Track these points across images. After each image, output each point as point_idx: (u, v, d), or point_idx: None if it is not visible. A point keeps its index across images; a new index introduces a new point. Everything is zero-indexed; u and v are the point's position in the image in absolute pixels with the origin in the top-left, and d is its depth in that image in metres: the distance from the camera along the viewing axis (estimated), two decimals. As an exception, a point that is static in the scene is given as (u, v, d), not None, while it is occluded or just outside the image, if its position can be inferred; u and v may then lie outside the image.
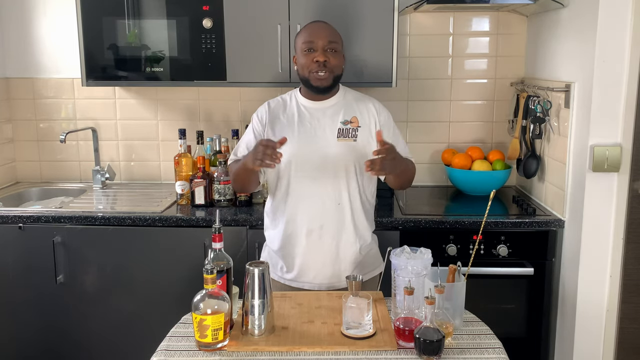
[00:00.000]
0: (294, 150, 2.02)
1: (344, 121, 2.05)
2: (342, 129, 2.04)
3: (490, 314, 1.94)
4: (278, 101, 2.15)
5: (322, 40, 2.01)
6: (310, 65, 2.01)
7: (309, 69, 2.01)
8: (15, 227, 2.58)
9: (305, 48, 2.02)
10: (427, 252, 1.79)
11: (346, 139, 2.04)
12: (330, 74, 2.01)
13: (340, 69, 2.06)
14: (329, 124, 2.05)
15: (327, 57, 2.00)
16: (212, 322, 1.53)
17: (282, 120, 2.08)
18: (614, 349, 2.37)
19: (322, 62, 1.99)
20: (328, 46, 2.01)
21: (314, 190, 2.03)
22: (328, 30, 2.05)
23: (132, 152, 3.18)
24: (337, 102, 2.09)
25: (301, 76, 2.06)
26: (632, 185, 2.26)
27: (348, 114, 2.07)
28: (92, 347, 2.67)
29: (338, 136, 2.03)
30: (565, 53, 2.49)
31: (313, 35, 2.02)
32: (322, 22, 2.10)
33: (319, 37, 2.01)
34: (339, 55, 2.05)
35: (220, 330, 1.54)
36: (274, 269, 2.14)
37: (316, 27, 2.06)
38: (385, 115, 2.13)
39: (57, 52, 3.09)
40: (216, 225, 1.66)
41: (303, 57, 2.03)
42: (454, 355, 1.55)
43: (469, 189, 2.92)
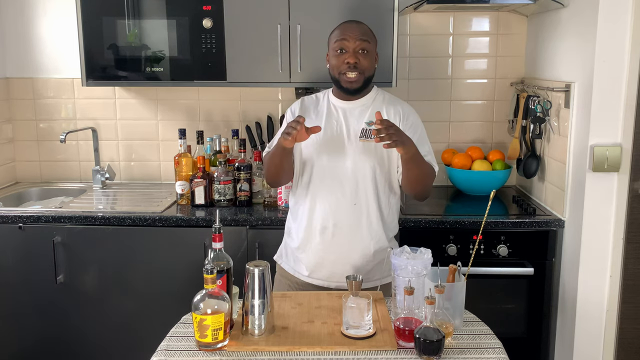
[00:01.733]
0: (318, 145, 2.04)
1: (369, 122, 2.03)
2: (365, 129, 2.04)
3: (490, 314, 1.94)
4: (312, 98, 2.17)
5: (354, 40, 1.98)
6: (341, 66, 1.99)
7: (339, 70, 2.00)
8: (15, 227, 2.58)
9: (337, 48, 2.00)
10: (427, 252, 1.79)
11: (368, 139, 2.03)
12: (360, 76, 2.00)
13: (371, 70, 2.04)
14: (355, 123, 2.05)
15: (358, 58, 1.98)
16: (212, 322, 1.53)
17: (312, 116, 2.09)
18: (614, 349, 2.37)
19: (353, 63, 1.98)
20: (360, 46, 1.99)
21: (333, 187, 2.03)
22: (360, 30, 2.02)
23: (132, 152, 3.18)
24: (366, 103, 2.08)
25: (332, 76, 2.05)
26: (632, 185, 2.26)
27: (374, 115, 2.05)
28: (92, 347, 2.67)
29: (360, 136, 2.03)
30: (565, 53, 2.49)
31: (345, 36, 2.00)
32: (356, 21, 2.07)
33: (351, 38, 1.99)
34: (371, 55, 2.03)
35: (220, 330, 1.54)
36: (290, 263, 2.15)
37: (349, 27, 2.03)
38: (413, 118, 2.11)
39: (57, 52, 3.09)
40: (216, 225, 1.66)
41: (334, 58, 2.02)
42: (454, 355, 1.55)
43: (469, 189, 2.92)
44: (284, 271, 2.17)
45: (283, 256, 2.20)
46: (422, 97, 3.07)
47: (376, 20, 2.61)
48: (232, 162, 2.75)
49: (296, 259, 2.12)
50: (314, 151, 2.04)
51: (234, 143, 2.85)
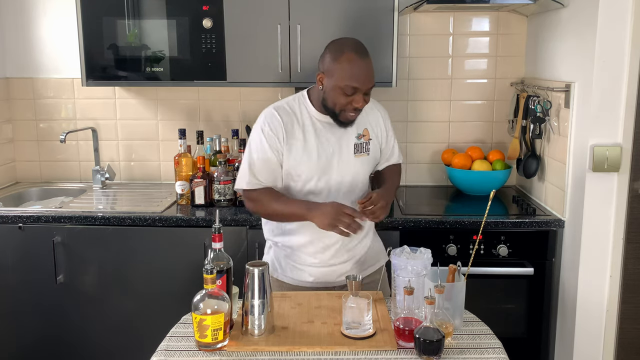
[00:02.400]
0: (314, 169, 1.97)
1: (358, 135, 2.03)
2: (357, 144, 2.02)
3: (490, 314, 1.94)
4: (287, 112, 1.98)
5: (366, 85, 1.89)
6: (347, 106, 1.91)
7: (343, 108, 1.92)
8: (15, 227, 2.58)
9: (347, 90, 1.88)
10: (427, 252, 1.79)
11: (362, 154, 2.03)
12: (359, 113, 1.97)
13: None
14: (346, 139, 2.01)
15: (365, 101, 1.92)
16: (212, 322, 1.53)
17: (298, 136, 1.96)
18: (614, 349, 2.37)
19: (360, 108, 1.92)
20: (366, 92, 1.92)
21: None
22: (371, 71, 1.91)
23: (132, 152, 3.18)
24: None
25: (329, 106, 1.93)
26: (632, 185, 2.26)
27: (360, 126, 2.04)
28: (92, 347, 2.67)
29: (355, 152, 2.02)
30: (565, 53, 2.49)
31: (360, 81, 1.87)
32: (365, 55, 1.90)
33: (364, 84, 1.88)
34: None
35: (220, 330, 1.54)
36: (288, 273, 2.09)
37: (362, 68, 1.88)
38: (388, 122, 2.14)
39: (57, 52, 3.09)
40: (216, 225, 1.66)
41: (341, 96, 1.89)
42: (454, 355, 1.55)
43: (469, 189, 2.92)
44: (283, 283, 2.10)
45: (278, 269, 2.11)
46: (422, 97, 3.07)
47: (376, 20, 2.61)
48: (232, 162, 2.75)
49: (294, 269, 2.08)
50: (309, 172, 1.97)
51: (234, 143, 2.84)
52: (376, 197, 1.91)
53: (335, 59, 1.89)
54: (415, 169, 3.14)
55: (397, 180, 2.20)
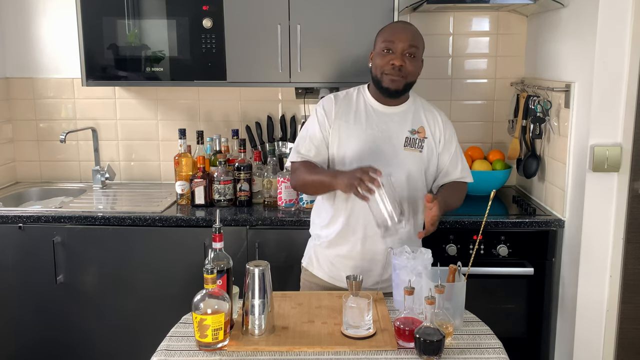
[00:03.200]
0: (361, 153, 1.97)
1: (412, 130, 2.01)
2: (409, 138, 2.00)
3: (490, 314, 1.94)
4: (345, 96, 2.06)
5: (403, 43, 1.91)
6: (385, 67, 1.93)
7: (383, 70, 1.94)
8: (15, 227, 2.58)
9: (384, 47, 1.93)
10: (427, 252, 1.79)
11: (413, 149, 2.00)
12: (403, 80, 1.94)
13: (415, 75, 1.98)
14: (397, 131, 2.00)
15: (405, 61, 1.92)
16: (212, 322, 1.53)
17: (350, 119, 2.00)
18: (614, 349, 2.37)
19: (398, 66, 1.92)
20: (408, 50, 1.92)
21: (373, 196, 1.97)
22: (411, 33, 1.95)
23: (132, 152, 3.18)
24: (406, 109, 2.04)
25: (373, 75, 1.99)
26: (632, 185, 2.26)
27: (416, 123, 2.02)
28: (92, 347, 2.67)
29: (405, 145, 1.99)
30: (565, 53, 2.49)
31: (394, 36, 1.93)
32: (407, 23, 2.01)
33: (400, 40, 1.91)
34: (417, 61, 1.97)
35: (220, 330, 1.54)
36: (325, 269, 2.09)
37: (399, 28, 1.96)
38: (450, 130, 2.08)
39: (57, 52, 3.09)
40: (216, 225, 1.66)
41: (380, 57, 1.95)
42: (454, 355, 1.55)
43: (469, 189, 2.90)
44: (317, 278, 2.10)
45: (314, 262, 2.12)
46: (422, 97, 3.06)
47: (376, 20, 2.61)
48: (232, 162, 2.75)
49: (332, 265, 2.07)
50: (355, 158, 1.97)
51: (234, 143, 2.85)
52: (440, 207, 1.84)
53: (379, 32, 2.01)
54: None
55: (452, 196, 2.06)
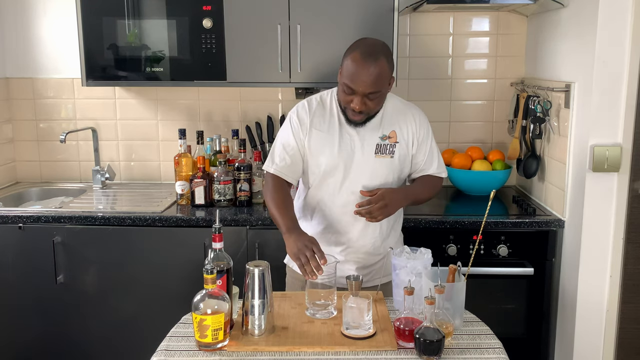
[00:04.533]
0: (331, 161, 1.98)
1: (383, 136, 2.01)
2: (380, 145, 2.00)
3: (490, 314, 1.94)
4: (318, 102, 2.04)
5: (363, 88, 1.86)
6: (347, 105, 1.92)
7: (345, 106, 1.94)
8: (15, 227, 2.58)
9: (345, 88, 1.89)
10: (427, 252, 1.79)
11: (384, 155, 2.00)
12: (365, 117, 1.94)
13: (378, 109, 1.97)
14: (368, 137, 1.99)
15: (365, 104, 1.89)
16: (212, 322, 1.53)
17: (324, 128, 2.00)
18: (614, 349, 2.37)
19: (358, 111, 1.90)
20: (368, 95, 1.88)
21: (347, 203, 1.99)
22: (373, 76, 1.85)
23: (132, 152, 3.18)
24: (378, 115, 2.02)
25: (338, 99, 1.98)
26: (632, 185, 2.26)
27: (387, 127, 2.02)
28: (92, 347, 2.67)
29: (376, 152, 1.99)
30: (565, 53, 2.49)
31: (355, 80, 1.85)
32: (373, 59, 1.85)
33: (360, 85, 1.85)
34: (381, 97, 1.93)
35: (220, 330, 1.54)
36: None
37: (362, 71, 1.84)
38: (425, 128, 2.07)
39: (57, 52, 3.09)
40: (216, 225, 1.66)
41: (342, 93, 1.92)
42: (454, 355, 1.55)
43: (469, 189, 2.92)
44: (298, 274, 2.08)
45: None
46: (422, 97, 3.07)
47: (376, 20, 2.61)
48: (232, 162, 2.75)
49: None
50: (328, 166, 1.99)
51: (234, 143, 2.84)
52: (377, 197, 1.90)
53: (346, 55, 1.91)
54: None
55: (423, 189, 2.09)
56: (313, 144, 2.00)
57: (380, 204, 1.88)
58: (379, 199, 1.89)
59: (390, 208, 1.92)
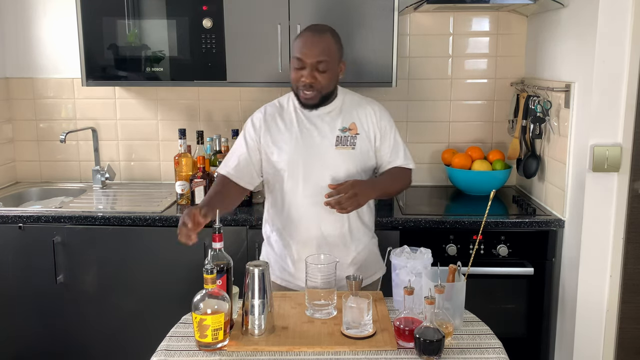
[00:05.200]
0: (292, 157, 1.99)
1: (343, 128, 2.02)
2: (340, 137, 2.01)
3: (490, 314, 1.94)
4: (275, 105, 2.10)
5: (311, 58, 1.90)
6: (298, 82, 1.95)
7: (297, 85, 1.97)
8: (15, 227, 2.58)
9: (295, 63, 1.94)
10: (427, 252, 1.79)
11: (345, 147, 2.01)
12: (317, 94, 1.95)
13: (329, 87, 1.97)
14: (328, 130, 2.01)
15: (315, 77, 1.92)
16: (212, 322, 1.53)
17: (280, 125, 2.04)
18: (614, 349, 2.37)
19: (309, 83, 1.92)
20: (317, 65, 1.91)
21: (313, 198, 1.99)
22: (320, 46, 1.91)
23: (132, 152, 3.18)
24: (335, 108, 2.05)
25: (292, 86, 2.02)
26: (632, 185, 2.26)
27: (347, 120, 2.03)
28: (92, 347, 2.67)
29: (336, 144, 2.00)
30: (565, 53, 2.49)
31: (303, 51, 1.92)
32: (318, 32, 1.95)
33: (308, 56, 1.90)
34: (331, 72, 1.95)
35: (220, 330, 1.54)
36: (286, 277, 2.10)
37: (308, 42, 1.93)
38: (386, 120, 2.08)
39: (57, 52, 3.09)
40: (216, 225, 1.66)
41: (293, 71, 1.97)
42: (454, 355, 1.55)
43: (469, 189, 2.92)
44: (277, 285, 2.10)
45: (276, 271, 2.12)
46: (422, 97, 3.07)
47: (376, 20, 2.61)
48: (232, 162, 2.75)
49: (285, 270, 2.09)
50: (289, 162, 2.00)
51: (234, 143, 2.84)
52: (346, 187, 1.87)
53: (295, 39, 2.00)
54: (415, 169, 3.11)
55: (392, 181, 2.11)
56: (273, 145, 2.02)
57: (349, 194, 1.86)
58: (347, 189, 1.86)
59: (359, 198, 1.88)
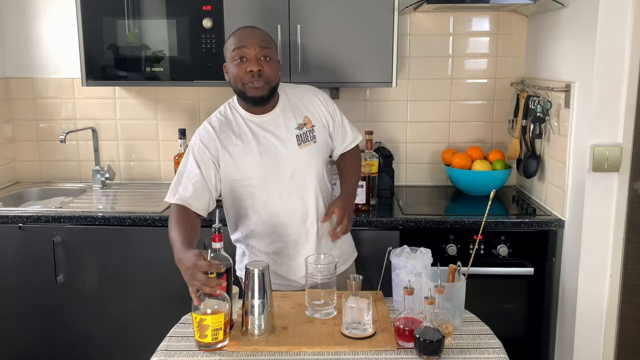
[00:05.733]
0: (261, 171, 1.94)
1: (298, 125, 1.99)
2: (299, 135, 1.98)
3: (490, 314, 1.94)
4: (220, 120, 1.98)
5: (254, 47, 1.86)
6: (244, 76, 1.88)
7: (243, 80, 1.88)
8: (15, 227, 2.58)
9: (236, 57, 1.88)
10: (427, 252, 1.79)
11: (307, 143, 1.98)
12: (266, 84, 1.89)
13: (276, 78, 1.93)
14: (285, 133, 1.97)
15: (261, 65, 1.87)
16: (212, 322, 1.53)
17: (236, 142, 1.94)
18: (614, 349, 2.37)
19: (257, 71, 1.86)
20: (261, 53, 1.87)
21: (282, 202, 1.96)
22: (260, 35, 1.90)
23: (132, 152, 3.18)
24: (283, 107, 2.00)
25: (235, 88, 1.93)
26: (632, 185, 2.26)
27: (299, 116, 2.00)
28: (91, 347, 2.67)
29: (299, 143, 1.97)
30: (565, 53, 2.49)
31: (244, 43, 1.87)
32: (252, 27, 1.96)
33: (250, 45, 1.86)
34: (274, 62, 1.92)
35: (220, 330, 1.54)
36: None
37: (247, 33, 1.90)
38: (330, 104, 2.09)
39: (57, 52, 3.09)
40: (216, 225, 1.66)
41: (235, 67, 1.89)
42: (454, 355, 1.55)
43: (469, 189, 2.92)
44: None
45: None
46: (422, 97, 3.07)
47: (376, 20, 2.61)
48: (232, 162, 2.75)
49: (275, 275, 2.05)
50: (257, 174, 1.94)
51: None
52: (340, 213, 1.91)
53: (227, 41, 1.95)
54: (415, 169, 3.14)
55: (356, 171, 2.16)
56: (232, 161, 1.93)
57: (347, 217, 1.94)
58: (343, 214, 1.92)
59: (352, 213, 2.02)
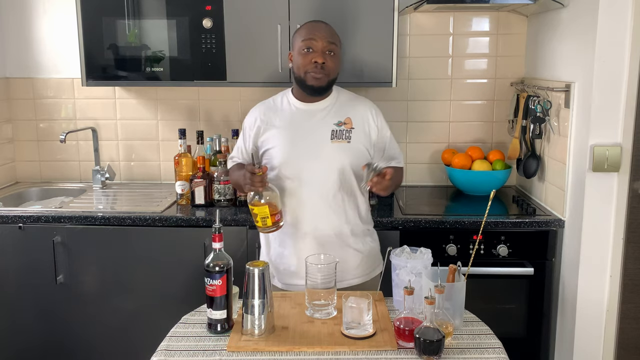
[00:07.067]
0: (288, 152, 2.02)
1: (338, 122, 2.05)
2: (335, 131, 2.04)
3: (490, 314, 1.94)
4: (269, 103, 2.15)
5: (322, 41, 2.00)
6: (308, 66, 2.00)
7: (306, 69, 2.00)
8: (15, 227, 2.58)
9: (304, 47, 2.01)
10: (427, 252, 1.79)
11: (340, 140, 2.03)
12: (326, 77, 2.01)
13: (336, 72, 2.05)
14: (322, 125, 2.05)
15: (326, 59, 2.00)
16: (258, 211, 1.85)
17: (275, 123, 2.08)
18: (614, 349, 2.37)
19: (321, 63, 1.99)
20: (327, 48, 2.00)
21: (307, 192, 2.02)
22: (328, 31, 2.04)
23: (132, 152, 3.18)
24: (330, 104, 2.09)
25: (296, 75, 2.05)
26: (632, 185, 2.26)
27: (341, 115, 2.07)
28: (92, 347, 2.67)
29: (332, 138, 2.03)
30: (565, 53, 2.49)
31: (313, 35, 2.00)
32: (323, 22, 2.08)
33: (319, 38, 2.00)
34: (337, 58, 2.05)
35: (267, 217, 1.86)
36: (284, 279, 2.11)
37: (317, 27, 2.04)
38: (380, 119, 2.14)
39: (57, 52, 3.09)
40: (216, 225, 1.66)
41: (301, 57, 2.01)
42: (454, 355, 1.55)
43: (469, 189, 2.92)
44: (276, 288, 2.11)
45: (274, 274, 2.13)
46: (422, 97, 3.07)
47: (376, 20, 2.61)
48: (232, 162, 2.75)
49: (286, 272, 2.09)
50: (285, 158, 2.02)
51: (234, 143, 2.84)
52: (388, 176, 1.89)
53: (296, 31, 2.10)
54: (415, 169, 3.14)
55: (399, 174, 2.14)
56: (268, 140, 2.07)
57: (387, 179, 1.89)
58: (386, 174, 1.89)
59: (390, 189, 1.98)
